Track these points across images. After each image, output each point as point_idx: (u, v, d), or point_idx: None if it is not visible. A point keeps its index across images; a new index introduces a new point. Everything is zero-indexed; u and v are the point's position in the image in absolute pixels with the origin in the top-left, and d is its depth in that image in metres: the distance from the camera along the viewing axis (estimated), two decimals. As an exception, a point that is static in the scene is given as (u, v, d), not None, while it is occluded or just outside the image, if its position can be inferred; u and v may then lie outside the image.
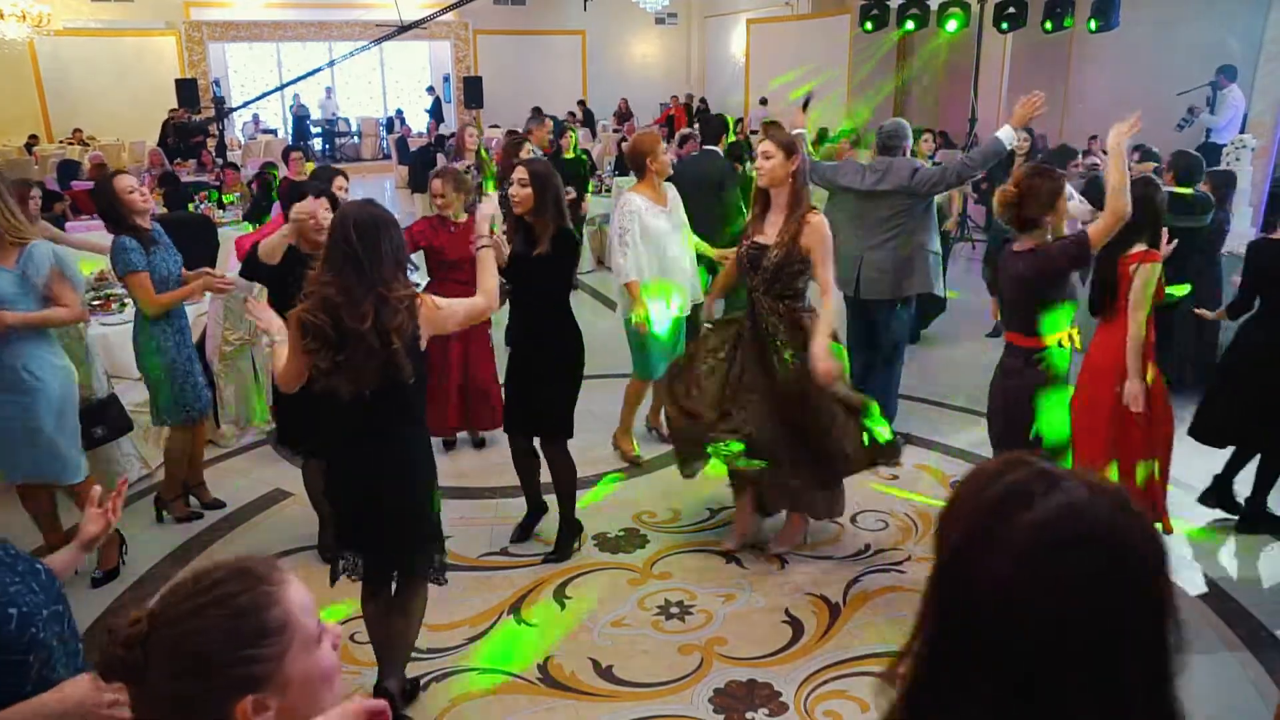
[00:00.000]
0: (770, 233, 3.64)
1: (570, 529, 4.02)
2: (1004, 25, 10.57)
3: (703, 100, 19.65)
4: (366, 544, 2.86)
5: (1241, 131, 8.10)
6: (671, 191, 4.77)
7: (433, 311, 2.72)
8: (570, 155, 7.91)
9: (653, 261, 4.60)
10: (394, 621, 2.93)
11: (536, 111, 11.58)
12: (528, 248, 3.64)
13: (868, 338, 5.05)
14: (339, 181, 4.40)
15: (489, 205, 3.11)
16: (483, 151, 7.25)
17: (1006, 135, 4.50)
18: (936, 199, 5.07)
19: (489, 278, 2.94)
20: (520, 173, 3.66)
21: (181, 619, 1.06)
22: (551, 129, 8.05)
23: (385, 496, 2.75)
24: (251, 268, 3.74)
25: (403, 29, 10.96)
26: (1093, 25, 9.81)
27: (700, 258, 4.92)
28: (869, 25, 11.74)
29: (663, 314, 4.62)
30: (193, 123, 14.35)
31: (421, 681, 3.15)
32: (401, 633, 2.95)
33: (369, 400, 2.64)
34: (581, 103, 19.11)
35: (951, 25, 10.87)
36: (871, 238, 4.75)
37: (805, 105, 5.64)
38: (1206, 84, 9.28)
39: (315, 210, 3.58)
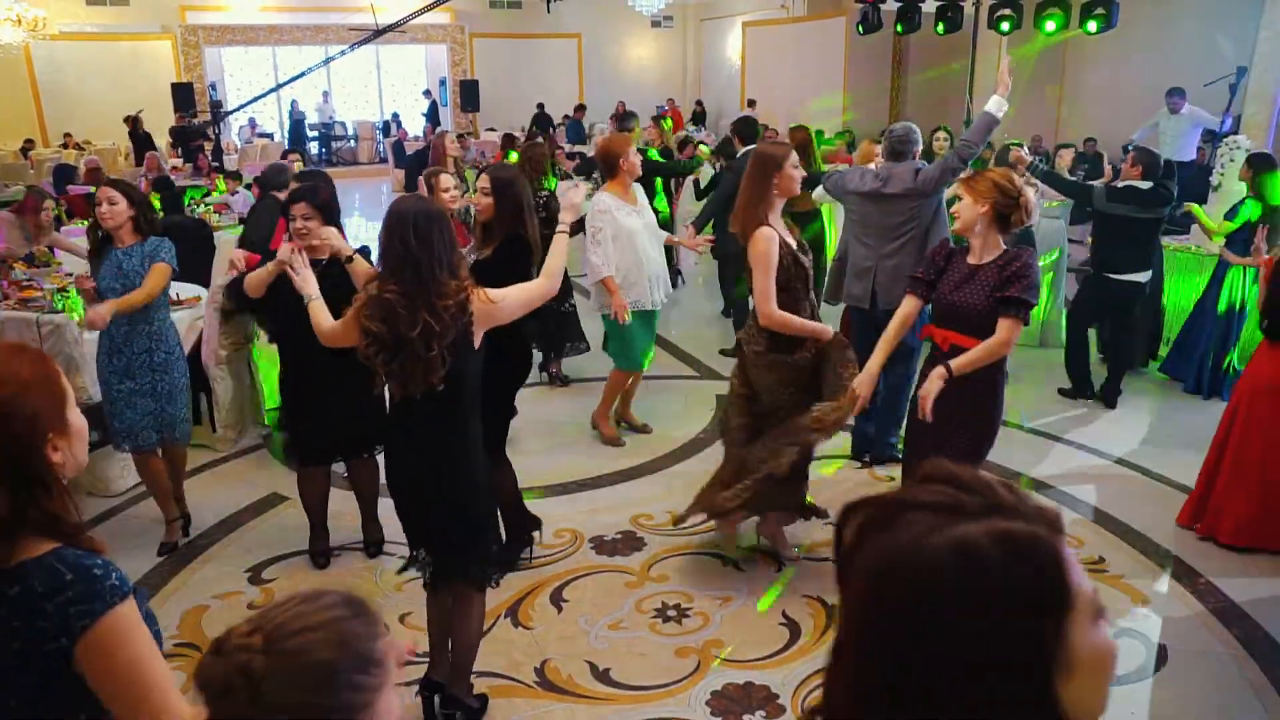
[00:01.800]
0: (791, 238, 3.68)
1: (513, 540, 3.86)
2: (1003, 28, 10.57)
3: (699, 102, 19.75)
4: (424, 541, 2.90)
5: (1235, 133, 8.12)
6: (640, 193, 4.92)
7: (487, 306, 2.69)
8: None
9: (626, 258, 4.75)
10: (453, 627, 2.96)
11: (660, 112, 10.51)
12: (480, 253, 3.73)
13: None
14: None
15: (576, 193, 3.11)
16: (458, 163, 7.19)
17: (995, 105, 4.37)
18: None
19: (555, 258, 2.90)
20: (483, 181, 3.71)
21: (298, 634, 1.02)
22: (636, 128, 7.82)
23: (428, 494, 2.79)
24: (239, 297, 3.69)
25: (379, 32, 10.99)
26: (1092, 27, 9.82)
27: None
28: (861, 28, 11.80)
29: (638, 305, 4.80)
30: (191, 126, 14.34)
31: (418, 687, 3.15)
32: (456, 637, 2.95)
33: (418, 401, 2.68)
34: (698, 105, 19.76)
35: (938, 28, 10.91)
36: (884, 246, 4.60)
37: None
38: (1225, 78, 9.28)
39: (292, 259, 3.41)
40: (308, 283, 2.92)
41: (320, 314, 2.89)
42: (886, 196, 4.58)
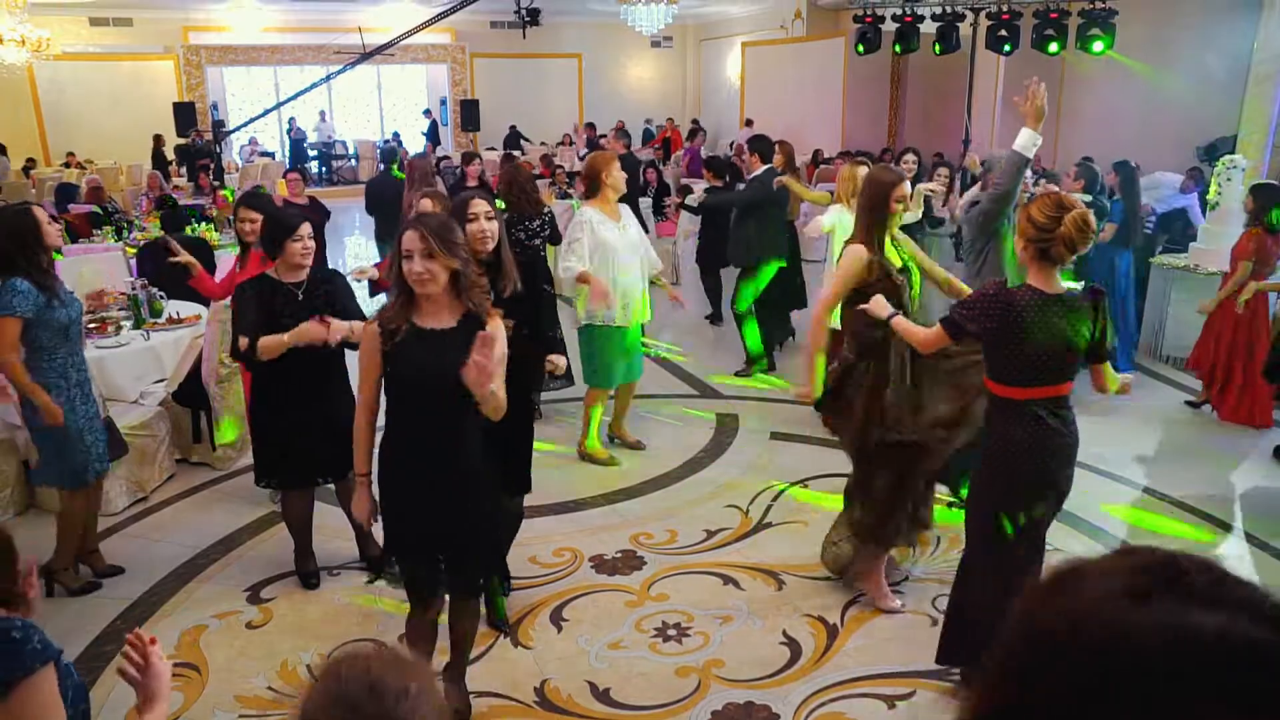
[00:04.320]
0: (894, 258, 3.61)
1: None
2: (1007, 48, 10.65)
3: (695, 121, 19.88)
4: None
5: (1231, 152, 8.17)
6: (625, 211, 4.91)
7: None
8: None
9: (603, 272, 4.71)
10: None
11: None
12: None
13: None
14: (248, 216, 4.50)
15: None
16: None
17: (1026, 141, 3.92)
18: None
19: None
20: (484, 206, 3.31)
21: None
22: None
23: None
24: (244, 359, 3.53)
25: (371, 53, 11.11)
26: (1100, 47, 9.92)
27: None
28: (861, 48, 11.92)
29: (605, 320, 4.79)
30: (197, 145, 14.44)
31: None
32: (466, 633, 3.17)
33: None
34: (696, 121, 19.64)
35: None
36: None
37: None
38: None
39: (320, 334, 3.46)
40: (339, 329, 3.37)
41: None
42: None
